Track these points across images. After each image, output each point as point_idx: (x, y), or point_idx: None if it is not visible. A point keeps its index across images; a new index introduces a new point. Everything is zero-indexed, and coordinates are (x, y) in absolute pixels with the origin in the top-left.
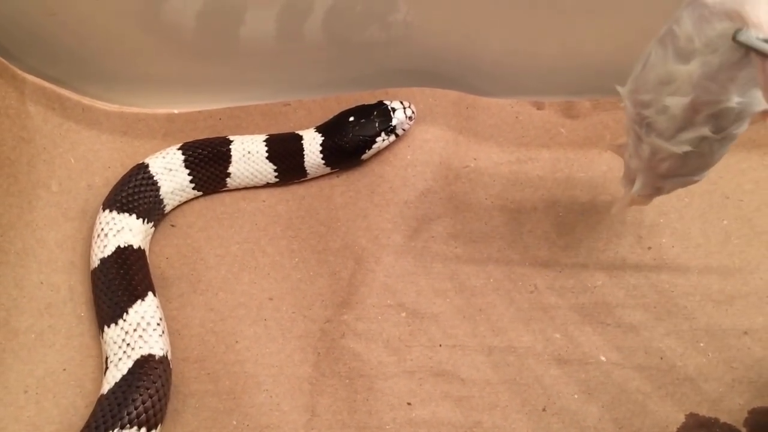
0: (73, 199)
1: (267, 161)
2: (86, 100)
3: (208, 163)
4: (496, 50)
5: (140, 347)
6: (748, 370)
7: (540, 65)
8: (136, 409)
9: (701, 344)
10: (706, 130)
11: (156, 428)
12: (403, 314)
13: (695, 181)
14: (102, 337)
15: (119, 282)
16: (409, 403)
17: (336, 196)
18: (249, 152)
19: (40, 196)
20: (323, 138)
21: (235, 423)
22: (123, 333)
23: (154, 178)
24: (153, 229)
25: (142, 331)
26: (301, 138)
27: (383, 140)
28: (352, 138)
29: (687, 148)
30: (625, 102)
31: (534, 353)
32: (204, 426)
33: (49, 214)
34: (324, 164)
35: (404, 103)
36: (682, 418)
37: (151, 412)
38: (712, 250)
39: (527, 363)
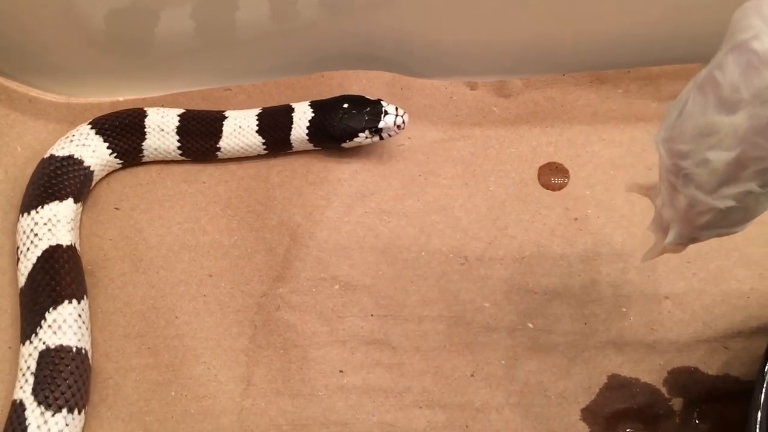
0: (19, 187)
1: (257, 135)
2: (34, 92)
3: (200, 136)
4: (429, 32)
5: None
6: (668, 332)
7: (473, 46)
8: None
9: (623, 309)
10: (753, 186)
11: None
12: (336, 287)
13: (735, 233)
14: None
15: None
16: (341, 371)
17: (273, 176)
18: (240, 127)
19: None
20: (313, 114)
21: (173, 394)
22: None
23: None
24: None
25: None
26: (292, 110)
27: (366, 137)
28: (338, 124)
29: (731, 203)
30: (659, 150)
31: (464, 322)
32: (144, 398)
33: None
34: (307, 140)
35: (399, 110)
36: (604, 380)
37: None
38: (636, 220)
39: (457, 331)
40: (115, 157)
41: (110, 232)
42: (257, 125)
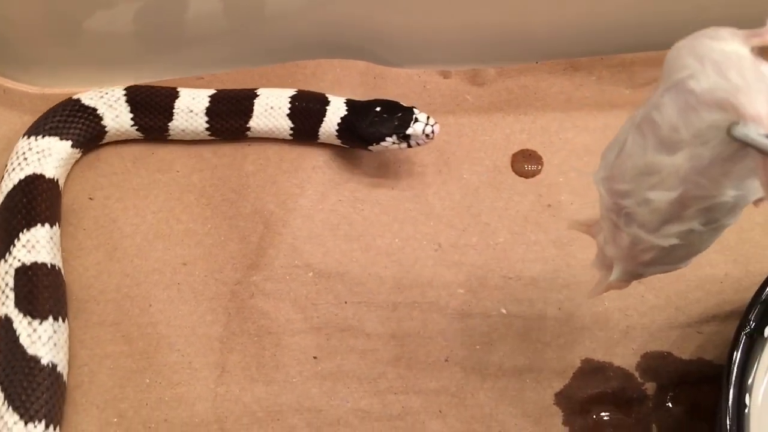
0: None
1: (287, 118)
2: (8, 83)
3: (228, 114)
4: (403, 21)
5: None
6: (642, 317)
7: (446, 35)
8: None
9: None
10: (695, 224)
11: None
12: (310, 274)
13: (680, 267)
14: None
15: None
16: (315, 357)
17: (247, 165)
18: (271, 107)
19: None
20: (346, 112)
21: (148, 381)
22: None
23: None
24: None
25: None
26: (327, 103)
27: (393, 143)
28: (367, 127)
29: (674, 241)
30: (599, 189)
31: (438, 308)
32: (119, 385)
33: None
34: (336, 136)
35: (431, 120)
36: (578, 364)
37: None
38: None
39: (431, 317)
40: (137, 130)
41: (84, 222)
42: (289, 109)
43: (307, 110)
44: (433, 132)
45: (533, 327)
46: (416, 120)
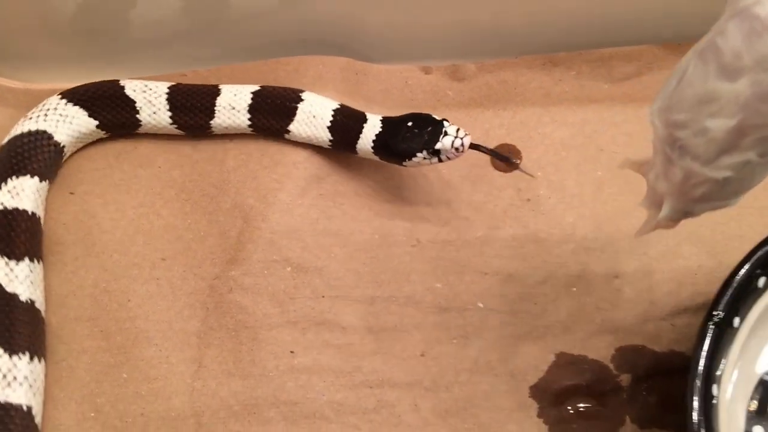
0: None
1: (327, 130)
2: None
3: (270, 113)
4: (384, 18)
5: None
6: (617, 311)
7: (427, 31)
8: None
9: (574, 289)
10: (752, 155)
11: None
12: (288, 268)
13: (730, 205)
14: None
15: None
16: (291, 352)
17: (228, 160)
18: (314, 116)
19: None
20: (381, 129)
21: (125, 376)
22: None
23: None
24: None
25: None
26: (365, 120)
27: (424, 158)
28: (399, 143)
29: (727, 173)
30: (654, 121)
31: (414, 302)
32: (96, 380)
33: None
34: (372, 152)
35: (460, 132)
36: (552, 358)
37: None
38: (587, 200)
39: (408, 312)
40: (177, 128)
41: (64, 217)
42: (330, 121)
43: (346, 126)
44: (462, 145)
45: (509, 321)
46: (445, 134)
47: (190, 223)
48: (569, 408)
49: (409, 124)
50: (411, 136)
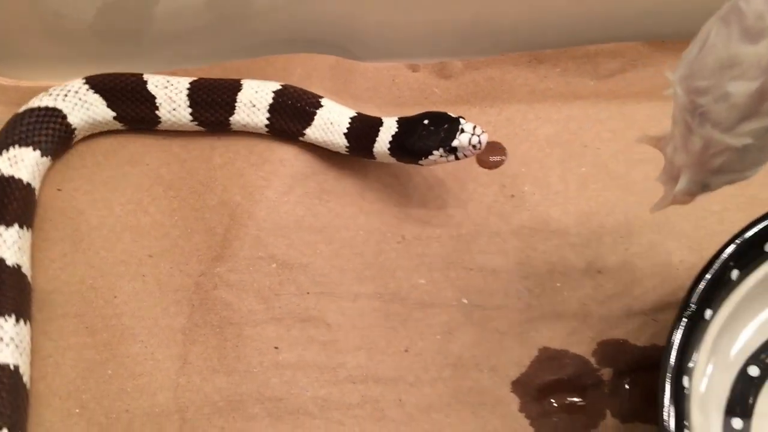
0: None
1: (343, 137)
2: None
3: (290, 115)
4: (372, 16)
5: None
6: (599, 306)
7: (414, 29)
8: None
9: (558, 284)
10: None
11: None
12: (274, 265)
13: (747, 177)
14: None
15: None
16: (276, 348)
17: (216, 157)
18: (331, 123)
19: None
20: (397, 129)
21: (110, 372)
22: None
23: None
24: None
25: None
26: (381, 124)
27: (441, 156)
28: (415, 141)
29: (747, 140)
30: (676, 89)
31: (399, 298)
32: (81, 376)
33: None
34: (389, 154)
35: (477, 129)
36: (535, 353)
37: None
38: (571, 196)
39: (392, 308)
40: (197, 125)
41: (51, 213)
42: (347, 128)
43: (362, 131)
44: (479, 142)
45: (492, 317)
46: (462, 131)
47: (177, 220)
48: (552, 402)
49: (426, 122)
50: (427, 134)
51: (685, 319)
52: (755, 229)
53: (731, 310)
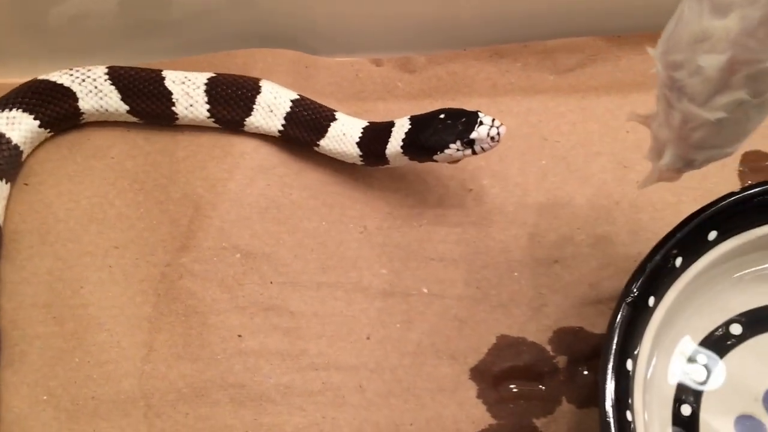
0: None
1: (356, 146)
2: None
3: (304, 125)
4: (334, 10)
5: None
6: (556, 295)
7: (377, 24)
8: None
9: (515, 274)
10: (742, 93)
11: None
12: (237, 255)
13: (729, 154)
14: None
15: None
16: (239, 335)
17: (179, 151)
18: (344, 134)
19: None
20: (410, 127)
21: (77, 360)
22: None
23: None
24: None
25: None
26: (392, 125)
27: (457, 149)
28: (430, 136)
29: (721, 114)
30: (656, 65)
31: (361, 288)
32: (48, 364)
33: None
34: (402, 152)
35: (496, 121)
36: (493, 340)
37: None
38: (530, 188)
39: (354, 297)
40: (214, 122)
41: (19, 207)
42: (359, 137)
43: (373, 138)
44: (498, 134)
45: (452, 305)
46: (480, 123)
47: (142, 212)
48: (511, 387)
49: (441, 116)
50: (443, 128)
51: (625, 306)
52: (699, 219)
53: (675, 297)
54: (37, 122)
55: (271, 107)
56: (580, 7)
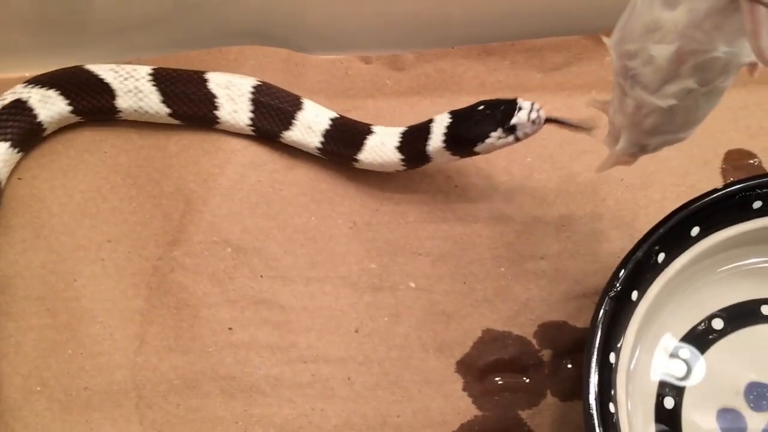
0: None
1: (396, 151)
2: None
3: (341, 142)
4: (324, 8)
5: None
6: (541, 290)
7: (366, 21)
8: None
9: (502, 269)
10: (691, 82)
11: None
12: (228, 249)
13: (682, 139)
14: None
15: None
16: (230, 328)
17: (171, 145)
18: (383, 143)
19: None
20: (451, 121)
21: (70, 352)
22: None
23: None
24: None
25: None
26: (431, 122)
27: (498, 137)
28: (471, 127)
29: (672, 101)
30: (611, 53)
31: (350, 282)
32: (42, 356)
33: None
34: (444, 147)
35: (535, 105)
36: (479, 334)
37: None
38: (515, 186)
39: (343, 291)
40: (252, 130)
41: (12, 201)
42: (399, 141)
43: (413, 139)
44: (539, 117)
45: (439, 300)
46: (520, 108)
47: (135, 206)
48: (497, 380)
49: (481, 108)
50: (483, 118)
51: (608, 300)
52: (682, 215)
53: (658, 292)
54: (70, 108)
55: (311, 125)
56: (567, 6)
